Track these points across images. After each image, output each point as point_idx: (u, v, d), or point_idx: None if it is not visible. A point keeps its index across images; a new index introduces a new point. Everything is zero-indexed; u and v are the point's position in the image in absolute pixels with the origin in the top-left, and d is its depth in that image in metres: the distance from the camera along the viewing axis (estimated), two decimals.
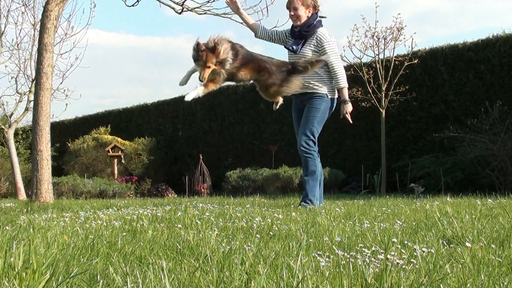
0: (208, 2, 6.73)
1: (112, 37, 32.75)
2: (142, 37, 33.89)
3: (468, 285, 1.41)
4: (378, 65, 8.72)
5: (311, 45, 4.57)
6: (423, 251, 1.85)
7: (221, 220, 3.06)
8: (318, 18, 4.65)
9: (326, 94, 4.60)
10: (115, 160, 11.87)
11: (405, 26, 8.60)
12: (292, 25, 4.70)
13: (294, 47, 4.56)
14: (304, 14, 4.60)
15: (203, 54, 3.95)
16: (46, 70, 6.46)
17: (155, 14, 39.67)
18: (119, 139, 12.73)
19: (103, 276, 1.52)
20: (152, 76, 31.67)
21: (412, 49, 8.72)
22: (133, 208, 4.14)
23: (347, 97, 4.58)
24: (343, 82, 4.54)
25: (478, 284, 1.42)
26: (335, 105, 4.67)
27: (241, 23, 6.87)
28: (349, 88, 4.74)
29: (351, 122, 4.64)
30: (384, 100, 8.66)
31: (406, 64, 8.56)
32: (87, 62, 24.40)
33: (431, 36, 26.50)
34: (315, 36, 4.56)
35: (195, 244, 2.09)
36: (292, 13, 4.60)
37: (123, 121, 14.40)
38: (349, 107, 4.58)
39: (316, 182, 4.55)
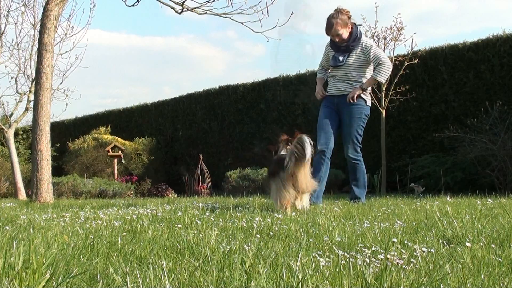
0: (208, 2, 6.71)
1: (113, 37, 32.77)
2: (143, 37, 33.91)
3: (468, 285, 1.41)
4: None
5: (357, 54, 4.77)
6: (423, 251, 1.85)
7: (221, 220, 3.06)
8: (359, 30, 4.82)
9: (366, 101, 4.73)
10: (115, 160, 11.87)
11: (405, 26, 8.60)
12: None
13: (341, 58, 4.75)
14: (346, 33, 4.75)
15: None
16: (46, 70, 6.46)
17: (156, 14, 39.68)
18: (119, 139, 12.74)
19: (103, 276, 1.52)
20: (153, 76, 31.65)
21: (412, 49, 8.72)
22: (133, 208, 4.13)
23: (367, 86, 4.82)
24: (383, 77, 4.77)
25: (478, 284, 1.42)
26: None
27: (241, 23, 6.91)
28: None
29: (350, 102, 4.76)
30: (384, 100, 8.66)
31: (406, 64, 8.56)
32: (87, 62, 24.40)
33: (431, 36, 26.51)
34: (360, 46, 4.78)
35: (195, 244, 2.09)
36: (337, 40, 4.75)
37: (123, 121, 14.39)
38: (357, 91, 4.73)
39: (365, 187, 4.87)
